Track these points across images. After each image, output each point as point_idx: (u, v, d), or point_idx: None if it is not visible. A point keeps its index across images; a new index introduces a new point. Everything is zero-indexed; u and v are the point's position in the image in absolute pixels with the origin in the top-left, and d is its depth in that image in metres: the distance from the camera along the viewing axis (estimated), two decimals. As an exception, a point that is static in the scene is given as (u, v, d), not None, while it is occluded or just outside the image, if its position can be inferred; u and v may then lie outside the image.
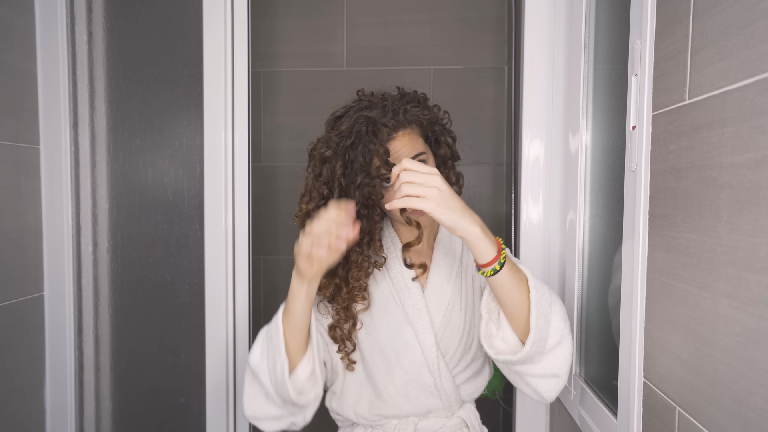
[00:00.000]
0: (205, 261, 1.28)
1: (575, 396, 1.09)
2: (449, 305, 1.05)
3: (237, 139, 1.28)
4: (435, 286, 1.05)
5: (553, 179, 1.25)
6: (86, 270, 1.37)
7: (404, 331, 1.02)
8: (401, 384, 1.03)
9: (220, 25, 1.25)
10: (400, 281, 1.03)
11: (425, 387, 1.03)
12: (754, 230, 0.52)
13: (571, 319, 1.12)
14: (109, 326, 1.39)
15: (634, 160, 0.77)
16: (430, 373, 1.02)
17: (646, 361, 0.76)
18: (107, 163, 1.36)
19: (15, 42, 1.24)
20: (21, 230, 1.26)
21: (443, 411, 1.06)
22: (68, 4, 1.31)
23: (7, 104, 1.21)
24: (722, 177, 0.57)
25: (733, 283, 0.56)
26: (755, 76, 0.52)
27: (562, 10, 1.20)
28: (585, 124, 1.08)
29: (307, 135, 1.95)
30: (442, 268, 1.06)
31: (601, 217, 1.05)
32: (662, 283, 0.71)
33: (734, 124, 0.55)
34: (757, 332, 0.52)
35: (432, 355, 1.02)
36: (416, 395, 1.04)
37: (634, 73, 0.78)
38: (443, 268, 1.06)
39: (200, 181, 1.30)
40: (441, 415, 1.06)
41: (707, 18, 0.60)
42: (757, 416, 0.52)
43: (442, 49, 1.87)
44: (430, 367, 1.02)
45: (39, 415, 1.34)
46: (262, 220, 1.93)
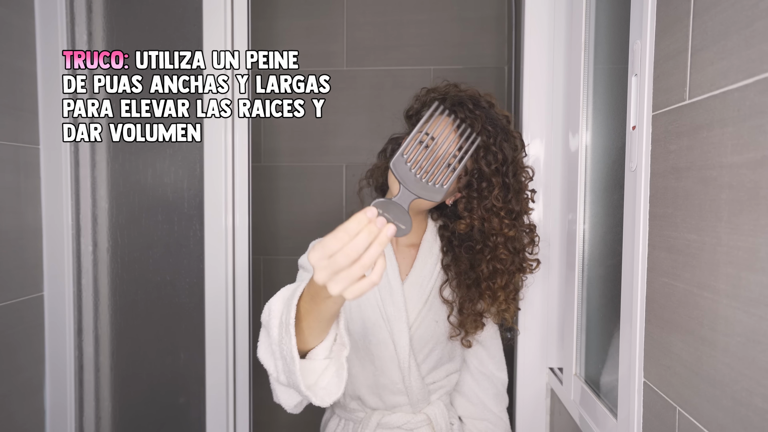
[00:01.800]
0: (205, 261, 1.28)
1: (575, 396, 1.09)
2: (427, 304, 1.08)
3: (237, 139, 1.28)
4: (415, 282, 1.08)
5: (553, 179, 1.25)
6: (86, 270, 1.37)
7: (379, 330, 1.06)
8: (371, 377, 1.08)
9: (220, 25, 1.25)
10: (383, 279, 1.06)
11: (393, 383, 1.07)
12: (755, 230, 0.52)
13: (571, 319, 1.13)
14: (108, 326, 1.38)
15: (635, 160, 0.77)
16: (400, 371, 1.06)
17: (647, 361, 0.76)
18: (107, 163, 1.36)
19: (14, 42, 1.23)
20: (21, 230, 1.26)
21: (410, 407, 1.10)
22: (68, 4, 1.31)
23: (6, 104, 1.21)
24: (722, 177, 0.57)
25: (733, 283, 0.56)
26: (755, 76, 0.52)
27: (562, 10, 1.20)
28: (585, 124, 1.08)
29: (308, 135, 1.95)
30: (425, 267, 1.10)
31: (601, 217, 1.04)
32: (662, 283, 0.71)
33: (734, 124, 0.55)
34: (757, 332, 0.52)
35: (404, 354, 1.05)
36: (383, 391, 1.08)
37: (635, 73, 0.78)
38: (426, 268, 1.10)
39: (200, 181, 1.30)
40: (407, 411, 1.10)
41: (707, 18, 0.60)
42: (757, 416, 0.52)
43: (442, 49, 1.87)
44: (401, 365, 1.06)
45: (38, 415, 1.34)
46: (262, 220, 1.93)
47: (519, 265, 1.06)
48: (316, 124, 1.90)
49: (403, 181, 0.66)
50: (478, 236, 1.05)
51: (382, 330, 1.06)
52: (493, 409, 1.16)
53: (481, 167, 1.00)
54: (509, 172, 1.02)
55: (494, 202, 1.01)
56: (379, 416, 1.09)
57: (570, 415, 1.13)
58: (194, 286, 1.33)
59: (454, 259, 1.09)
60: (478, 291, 1.06)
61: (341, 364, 0.76)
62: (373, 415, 1.10)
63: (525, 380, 1.28)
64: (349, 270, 0.56)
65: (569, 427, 1.14)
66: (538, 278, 1.25)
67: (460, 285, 1.08)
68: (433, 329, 1.08)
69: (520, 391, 1.28)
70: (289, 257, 1.96)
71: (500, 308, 1.07)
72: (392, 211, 0.62)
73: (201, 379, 1.31)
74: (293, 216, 1.94)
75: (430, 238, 1.12)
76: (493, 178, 1.01)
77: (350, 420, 1.13)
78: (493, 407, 1.16)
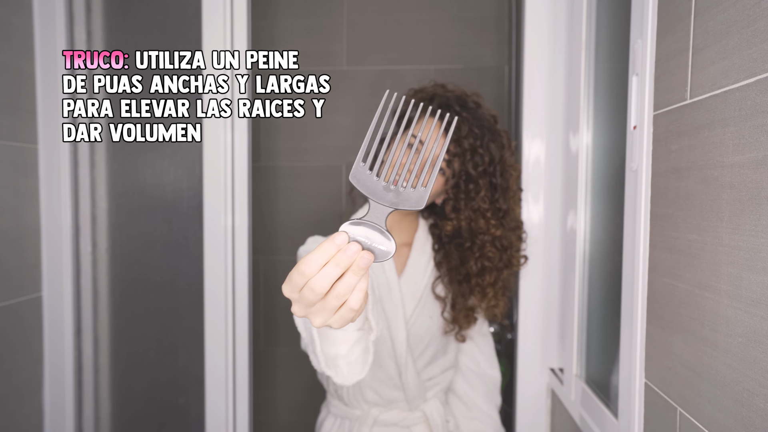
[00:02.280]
0: (205, 261, 1.28)
1: (576, 396, 1.09)
2: (421, 301, 1.09)
3: (237, 139, 1.28)
4: (409, 279, 1.10)
5: (554, 179, 1.24)
6: (85, 270, 1.36)
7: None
8: (368, 371, 1.08)
9: (220, 25, 1.25)
10: (380, 277, 1.07)
11: (390, 378, 1.08)
12: (756, 230, 0.52)
13: (571, 320, 1.12)
14: (107, 327, 1.38)
15: (635, 159, 0.77)
16: (397, 366, 1.07)
17: (647, 361, 0.76)
18: (106, 163, 1.36)
19: (13, 41, 1.23)
20: (19, 230, 1.26)
21: (406, 404, 1.11)
22: (67, 3, 1.30)
23: (5, 104, 1.21)
24: (723, 177, 0.57)
25: (734, 283, 0.55)
26: (757, 76, 0.51)
27: (563, 10, 1.20)
28: (586, 123, 1.08)
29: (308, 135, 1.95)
30: (418, 265, 1.11)
31: (601, 217, 1.04)
32: (663, 284, 0.71)
33: (736, 124, 0.55)
34: (758, 333, 0.52)
35: (401, 350, 1.07)
36: (380, 385, 1.09)
37: (635, 72, 0.77)
38: (419, 266, 1.11)
39: (200, 181, 1.30)
40: (404, 408, 1.11)
41: (708, 17, 0.60)
42: (758, 417, 0.52)
43: (442, 49, 1.87)
44: (398, 360, 1.07)
45: (37, 416, 1.33)
46: (262, 220, 1.93)
47: (507, 261, 1.09)
48: (316, 124, 1.90)
49: (370, 194, 0.52)
50: (467, 234, 1.07)
51: (381, 326, 1.07)
52: (483, 408, 1.17)
53: (468, 170, 1.02)
54: (496, 171, 1.04)
55: (481, 203, 1.03)
56: (376, 413, 1.10)
57: (570, 415, 1.12)
58: (194, 287, 1.33)
59: (445, 255, 1.11)
60: (469, 287, 1.08)
61: (367, 345, 0.74)
62: (369, 412, 1.11)
63: (525, 381, 1.28)
64: (323, 302, 0.50)
65: (570, 428, 1.14)
66: (538, 278, 1.25)
67: (452, 281, 1.10)
68: (428, 325, 1.10)
69: (521, 392, 1.28)
70: (288, 257, 1.95)
71: (489, 304, 1.09)
72: (367, 233, 0.51)
73: (200, 380, 1.31)
74: (293, 216, 1.93)
75: (422, 236, 1.14)
76: (480, 180, 1.03)
77: (346, 418, 1.14)
78: (483, 406, 1.18)
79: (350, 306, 0.50)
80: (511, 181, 1.08)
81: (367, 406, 1.12)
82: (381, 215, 0.52)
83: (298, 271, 0.49)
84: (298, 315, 0.52)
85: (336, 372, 0.73)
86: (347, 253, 0.49)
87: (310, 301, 0.50)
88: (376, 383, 1.10)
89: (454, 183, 1.04)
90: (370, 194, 0.53)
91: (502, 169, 1.06)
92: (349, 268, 0.49)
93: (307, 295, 0.49)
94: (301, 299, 0.50)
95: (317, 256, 0.49)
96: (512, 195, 1.08)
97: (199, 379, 1.32)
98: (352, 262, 0.49)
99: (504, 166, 1.06)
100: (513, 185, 1.08)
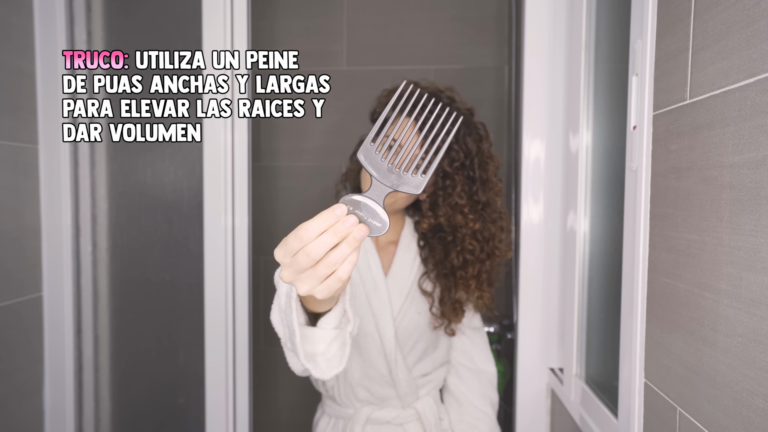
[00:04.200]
0: (205, 261, 1.28)
1: (576, 396, 1.09)
2: (408, 297, 1.11)
3: (237, 139, 1.28)
4: (396, 276, 1.11)
5: (554, 179, 1.24)
6: (85, 270, 1.36)
7: (367, 323, 1.08)
8: (359, 369, 1.10)
9: (220, 25, 1.25)
10: (367, 274, 1.08)
11: (381, 375, 1.09)
12: (755, 230, 0.52)
13: (571, 320, 1.12)
14: (108, 327, 1.38)
15: (635, 159, 0.77)
16: (387, 363, 1.08)
17: (647, 361, 0.76)
18: (106, 163, 1.36)
19: (13, 41, 1.23)
20: (19, 230, 1.26)
21: (398, 401, 1.11)
22: (67, 3, 1.30)
23: (5, 104, 1.21)
24: (723, 177, 0.57)
25: (734, 283, 0.55)
26: (756, 76, 0.51)
27: (563, 10, 1.20)
28: (585, 123, 1.08)
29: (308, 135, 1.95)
30: (405, 262, 1.12)
31: (601, 217, 1.04)
32: (663, 284, 0.71)
33: (735, 124, 0.55)
34: (758, 332, 0.52)
35: (390, 346, 1.07)
36: (372, 382, 1.10)
37: (635, 72, 0.77)
38: (406, 263, 1.12)
39: (200, 181, 1.30)
40: (396, 406, 1.12)
41: (708, 17, 0.60)
42: (758, 417, 0.52)
43: (442, 49, 1.87)
44: (387, 357, 1.08)
45: (37, 416, 1.33)
46: (262, 220, 1.93)
47: (489, 252, 1.09)
48: (316, 124, 1.90)
49: (375, 172, 0.56)
50: (448, 228, 1.08)
51: (369, 323, 1.08)
52: (475, 404, 1.17)
53: (443, 166, 1.03)
54: (474, 165, 1.05)
55: (457, 199, 1.04)
56: (369, 411, 1.11)
57: (570, 415, 1.12)
58: (194, 287, 1.33)
59: (431, 250, 1.12)
60: (454, 280, 1.09)
61: (344, 339, 0.75)
62: (362, 410, 1.11)
63: (525, 380, 1.28)
64: (314, 269, 0.52)
65: (570, 428, 1.14)
66: (538, 278, 1.25)
67: (438, 275, 1.10)
68: (417, 321, 1.10)
69: (521, 392, 1.28)
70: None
71: (474, 296, 1.10)
72: (365, 207, 0.54)
73: (200, 380, 1.31)
74: (293, 216, 1.93)
75: (408, 234, 1.15)
76: (455, 176, 1.03)
77: (340, 417, 1.15)
78: (476, 401, 1.17)
79: (338, 276, 0.52)
80: (490, 172, 1.08)
81: (359, 405, 1.12)
82: (381, 194, 0.56)
83: (296, 236, 0.51)
84: (286, 280, 0.54)
85: (314, 365, 0.74)
86: (346, 224, 0.51)
87: (302, 266, 0.52)
88: (367, 381, 1.10)
89: (432, 180, 1.05)
90: (376, 172, 0.57)
91: (480, 162, 1.06)
92: (344, 239, 0.51)
93: (300, 260, 0.51)
94: (294, 264, 0.52)
95: (316, 224, 0.51)
96: (492, 187, 1.08)
97: (199, 379, 1.32)
98: (349, 234, 0.51)
99: (482, 159, 1.06)
100: (492, 177, 1.08)
